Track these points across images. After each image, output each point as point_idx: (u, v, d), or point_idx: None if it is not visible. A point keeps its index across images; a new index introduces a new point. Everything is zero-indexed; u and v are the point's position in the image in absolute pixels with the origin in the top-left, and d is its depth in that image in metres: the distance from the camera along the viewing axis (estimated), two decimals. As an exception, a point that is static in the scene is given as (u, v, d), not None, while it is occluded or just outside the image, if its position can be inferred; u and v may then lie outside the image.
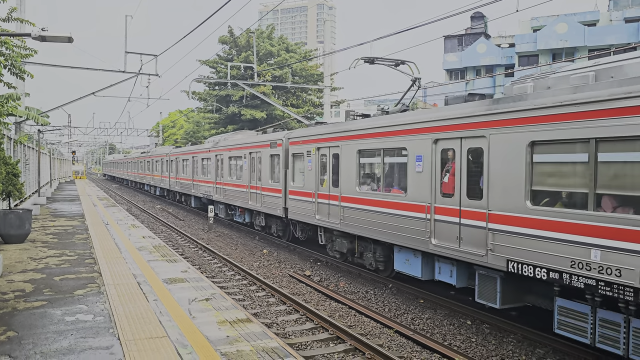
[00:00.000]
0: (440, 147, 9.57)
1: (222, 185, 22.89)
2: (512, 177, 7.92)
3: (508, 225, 7.98)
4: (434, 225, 9.64)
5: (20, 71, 11.85)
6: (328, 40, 44.06)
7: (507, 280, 8.48)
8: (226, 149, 22.41)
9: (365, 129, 12.13)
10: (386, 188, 11.50)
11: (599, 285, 6.63)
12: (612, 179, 6.68)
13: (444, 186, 9.54)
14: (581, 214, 6.87)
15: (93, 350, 6.13)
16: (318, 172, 14.37)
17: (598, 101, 6.66)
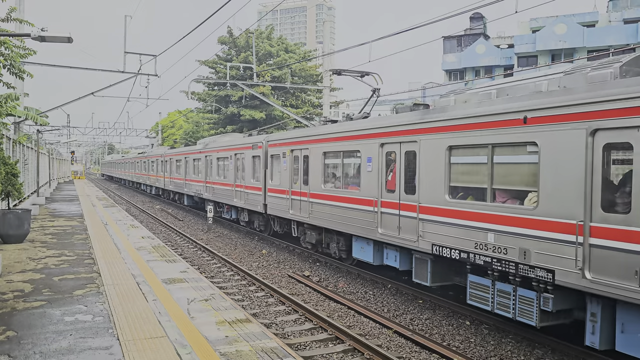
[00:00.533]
0: (385, 150, 11.30)
1: (211, 184, 24.42)
2: (436, 176, 9.61)
3: (432, 215, 9.68)
4: (381, 216, 11.33)
5: (20, 71, 11.84)
6: (327, 40, 44.33)
7: (435, 262, 10.04)
8: (214, 150, 24.01)
9: (329, 134, 13.81)
10: (345, 185, 13.22)
11: (493, 261, 8.29)
12: (503, 176, 8.47)
13: (388, 183, 11.24)
14: (482, 205, 8.57)
15: (92, 351, 6.13)
16: (291, 172, 15.93)
17: (493, 114, 8.35)
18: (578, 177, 7.00)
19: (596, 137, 6.80)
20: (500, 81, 9.47)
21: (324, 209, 13.75)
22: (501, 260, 8.11)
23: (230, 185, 21.50)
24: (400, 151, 10.74)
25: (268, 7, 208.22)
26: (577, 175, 7.00)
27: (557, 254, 7.24)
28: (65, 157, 78.99)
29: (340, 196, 13.04)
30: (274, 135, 18.51)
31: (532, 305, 7.84)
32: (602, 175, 6.79)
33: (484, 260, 8.47)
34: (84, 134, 62.79)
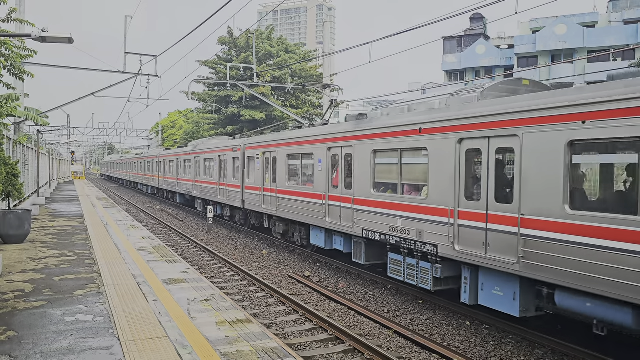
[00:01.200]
0: (331, 153, 13.55)
1: (199, 183, 26.63)
2: (365, 173, 11.90)
3: (362, 205, 12.03)
4: (328, 208, 13.61)
5: (20, 72, 11.85)
6: (327, 41, 44.30)
7: (368, 245, 12.37)
8: (202, 152, 26.22)
9: (292, 139, 16.01)
10: (303, 183, 15.30)
11: (401, 241, 10.58)
12: (408, 174, 10.93)
13: (333, 180, 13.49)
14: (394, 196, 10.97)
15: (93, 351, 6.14)
16: (263, 172, 18.01)
17: (401, 125, 10.69)
18: (451, 175, 9.29)
19: (462, 145, 9.09)
20: (410, 99, 12.11)
21: (288, 203, 15.97)
22: (406, 240, 10.47)
23: (215, 184, 23.64)
24: (341, 154, 13.09)
25: (268, 8, 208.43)
26: (451, 173, 9.29)
27: (439, 232, 9.52)
28: (65, 158, 79.02)
29: (299, 192, 15.25)
30: (250, 139, 20.73)
31: (428, 273, 10.04)
32: (465, 173, 9.08)
33: (395, 240, 10.81)
34: (84, 134, 62.78)
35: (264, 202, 17.81)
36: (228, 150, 21.98)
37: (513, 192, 8.06)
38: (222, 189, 22.56)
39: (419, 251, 10.16)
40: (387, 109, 12.24)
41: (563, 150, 7.24)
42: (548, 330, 8.98)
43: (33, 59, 12.88)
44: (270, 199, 17.31)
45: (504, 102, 8.45)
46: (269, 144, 17.72)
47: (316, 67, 42.93)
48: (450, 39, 51.31)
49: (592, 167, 8.19)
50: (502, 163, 8.66)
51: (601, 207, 7.59)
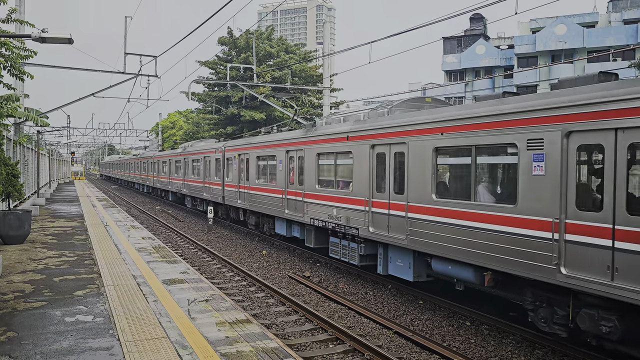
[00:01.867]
0: (289, 155, 15.97)
1: (188, 182, 28.88)
2: (312, 172, 14.38)
3: (309, 198, 14.47)
4: (287, 201, 15.91)
5: (20, 72, 11.85)
6: (327, 41, 44.39)
7: (317, 231, 14.66)
8: (190, 153, 28.61)
9: (261, 143, 18.58)
10: (269, 180, 17.70)
11: (336, 226, 13.01)
12: (341, 172, 13.29)
13: (290, 178, 15.78)
14: (331, 191, 13.41)
15: (93, 351, 6.14)
16: (239, 171, 20.47)
17: (335, 134, 13.23)
18: (367, 172, 11.77)
19: (373, 149, 11.63)
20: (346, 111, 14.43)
21: (258, 198, 18.34)
22: (339, 225, 12.91)
23: (201, 182, 26.09)
24: (296, 156, 15.49)
25: (268, 8, 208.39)
26: (367, 171, 11.78)
27: (360, 218, 12.00)
28: (65, 158, 79.03)
29: (266, 188, 17.70)
30: (229, 142, 23.12)
31: (355, 252, 12.54)
32: (376, 171, 11.54)
33: (332, 226, 13.24)
34: (84, 134, 62.78)
35: (240, 198, 20.37)
36: (211, 152, 24.45)
37: (404, 186, 10.52)
38: (207, 186, 25.00)
39: (347, 234, 12.71)
40: (329, 118, 14.98)
41: (431, 154, 9.78)
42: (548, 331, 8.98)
43: (33, 59, 12.88)
44: (244, 195, 19.87)
45: (399, 117, 11.02)
46: (243, 147, 20.22)
47: (316, 68, 42.92)
48: (450, 39, 51.31)
49: (447, 166, 10.27)
50: (398, 164, 10.86)
51: (453, 195, 9.66)
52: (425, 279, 10.83)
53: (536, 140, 7.61)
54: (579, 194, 7.08)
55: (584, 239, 6.88)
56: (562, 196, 7.19)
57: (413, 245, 10.13)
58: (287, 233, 16.62)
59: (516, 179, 7.96)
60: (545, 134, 7.45)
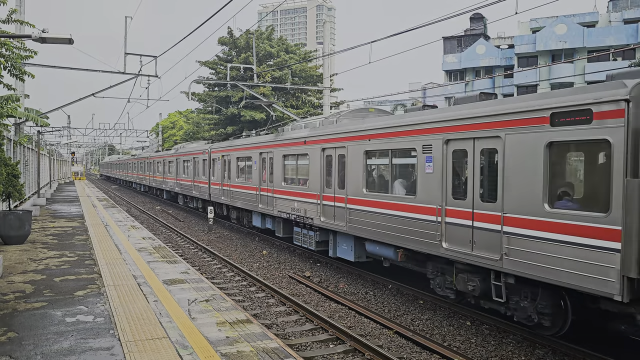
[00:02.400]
0: (262, 156, 18.19)
1: (180, 181, 31.15)
2: (279, 171, 16.59)
3: (277, 194, 16.64)
4: (260, 197, 18.16)
5: (20, 72, 11.86)
6: (327, 41, 44.40)
7: (284, 222, 16.91)
8: (181, 154, 30.82)
9: (240, 145, 20.76)
10: (246, 179, 19.93)
11: (297, 217, 15.08)
12: (300, 171, 15.39)
13: (264, 177, 17.93)
14: (295, 187, 15.51)
15: (94, 351, 6.14)
16: (222, 170, 22.65)
17: (295, 138, 15.55)
18: (319, 171, 13.94)
19: (324, 152, 13.81)
20: (307, 119, 17.70)
21: (238, 195, 20.67)
22: (300, 216, 15.01)
23: (191, 181, 28.28)
24: (267, 157, 17.77)
25: (268, 8, 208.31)
26: (319, 170, 13.94)
27: (314, 210, 14.13)
28: (65, 158, 79.02)
29: (244, 185, 20.01)
30: (214, 144, 25.46)
31: (312, 239, 14.71)
32: (325, 170, 13.75)
33: (294, 217, 15.35)
34: (84, 134, 62.74)
35: (223, 195, 22.59)
36: (199, 154, 26.61)
37: (345, 182, 12.62)
38: (196, 185, 27.31)
39: (306, 223, 14.76)
40: (294, 125, 17.13)
41: (362, 156, 11.89)
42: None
43: (33, 59, 12.88)
44: (227, 192, 22.09)
45: (342, 125, 13.19)
46: (226, 149, 22.48)
47: (316, 68, 42.90)
48: (450, 39, 51.30)
49: (375, 166, 12.42)
50: (341, 164, 12.89)
51: (377, 189, 11.77)
52: (365, 260, 12.95)
53: (427, 146, 9.79)
54: (453, 187, 9.28)
55: (456, 220, 9.11)
56: (443, 188, 9.40)
57: (352, 231, 12.35)
58: (262, 225, 18.85)
59: (416, 176, 10.20)
60: (433, 141, 9.62)
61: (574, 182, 7.93)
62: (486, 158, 8.64)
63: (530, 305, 8.14)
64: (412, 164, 10.54)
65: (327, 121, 14.72)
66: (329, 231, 13.90)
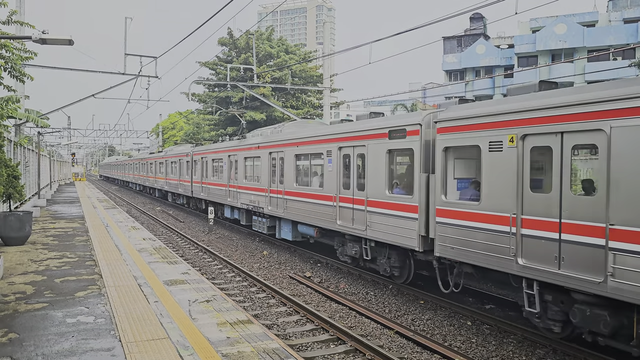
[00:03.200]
0: (230, 158, 21.86)
1: (168, 180, 34.91)
2: (241, 171, 20.21)
3: (240, 189, 20.12)
4: (229, 192, 21.78)
5: (20, 74, 11.86)
6: (327, 41, 44.39)
7: (246, 213, 20.27)
8: (170, 156, 34.60)
9: (214, 149, 24.84)
10: (219, 177, 23.62)
11: (253, 208, 18.60)
12: (255, 170, 18.88)
13: (232, 176, 21.45)
14: (251, 183, 19.11)
15: (94, 352, 6.14)
16: (202, 170, 26.23)
17: (251, 144, 19.21)
18: (268, 169, 17.38)
19: (270, 155, 17.20)
20: (262, 129, 20.87)
21: (213, 191, 24.14)
22: (255, 207, 18.44)
23: (177, 180, 32.00)
24: (233, 159, 21.37)
25: (268, 9, 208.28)
26: (268, 168, 17.38)
27: (264, 201, 17.60)
28: (66, 159, 79.02)
29: (217, 183, 23.67)
30: (196, 147, 29.08)
31: (264, 224, 18.15)
32: (271, 168, 17.09)
33: (252, 208, 18.87)
34: (84, 135, 62.77)
35: (202, 191, 26.08)
36: (184, 156, 30.16)
37: (283, 178, 16.27)
38: (181, 183, 31.03)
39: (259, 213, 18.36)
40: (253, 132, 21.15)
41: (293, 158, 15.59)
42: (550, 331, 8.97)
43: (33, 60, 12.89)
44: (205, 189, 25.59)
45: (282, 134, 17.09)
46: (204, 152, 26.14)
47: (316, 68, 42.89)
48: (450, 39, 51.30)
49: (301, 166, 15.54)
50: (282, 164, 16.44)
51: (303, 184, 15.20)
52: (300, 239, 16.29)
53: (329, 150, 13.49)
54: (343, 180, 12.90)
55: (345, 204, 12.74)
56: (338, 182, 13.05)
57: (288, 216, 15.87)
58: (231, 216, 22.44)
59: (323, 173, 13.96)
60: (332, 147, 13.37)
61: (400, 176, 11.53)
62: (361, 160, 12.21)
63: (387, 262, 11.65)
64: (322, 164, 14.09)
65: (275, 130, 18.49)
66: (275, 218, 17.35)
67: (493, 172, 8.33)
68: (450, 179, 9.57)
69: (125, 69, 22.74)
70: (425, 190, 9.84)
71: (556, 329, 7.77)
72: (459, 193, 9.59)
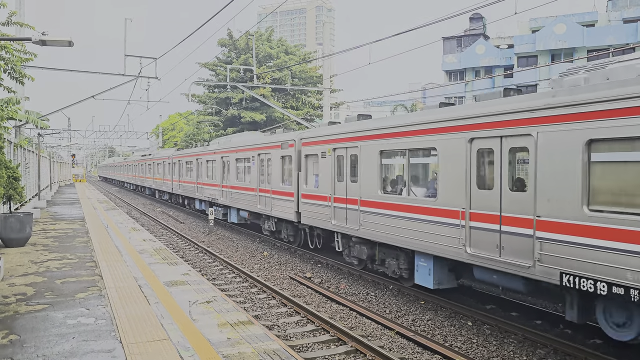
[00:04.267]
0: (198, 161, 26.46)
1: (155, 179, 39.91)
2: (203, 171, 25.80)
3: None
4: (197, 188, 26.51)
5: (21, 75, 11.86)
6: (327, 42, 44.23)
7: (210, 204, 24.73)
8: (157, 159, 39.53)
9: (187, 153, 29.49)
10: (190, 176, 28.19)
11: (215, 200, 24.01)
12: (214, 171, 24.46)
13: (199, 174, 26.39)
14: (211, 180, 24.67)
15: (95, 354, 6.14)
16: (178, 171, 31.19)
17: (212, 150, 25.15)
18: (220, 170, 23.00)
19: (222, 159, 22.84)
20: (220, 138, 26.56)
21: (186, 187, 29.05)
22: (213, 199, 23.78)
23: (161, 179, 37.20)
24: (199, 161, 25.77)
25: (268, 9, 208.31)
26: (221, 169, 23.01)
27: (217, 194, 23.31)
28: (66, 160, 79.02)
29: (188, 181, 28.44)
30: (176, 152, 34.00)
31: (220, 212, 23.44)
32: (222, 168, 22.81)
33: (211, 199, 24.20)
34: (84, 137, 62.80)
35: (180, 188, 31.39)
36: (167, 159, 35.16)
37: (229, 176, 21.45)
38: (165, 182, 36.17)
39: (216, 203, 23.73)
40: (213, 140, 26.50)
41: (235, 161, 20.99)
42: (550, 330, 8.98)
43: (33, 62, 12.89)
44: (182, 186, 30.77)
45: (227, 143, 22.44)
46: (180, 155, 31.38)
47: (316, 69, 42.91)
48: (450, 39, 51.31)
49: (241, 166, 20.37)
50: (229, 166, 21.60)
51: (241, 180, 20.02)
52: (245, 222, 21.62)
53: (252, 156, 19.03)
54: (261, 176, 18.22)
55: (262, 194, 18.10)
56: (259, 177, 18.41)
57: (233, 204, 20.97)
58: (199, 207, 27.83)
59: (250, 170, 19.31)
60: (254, 154, 18.91)
61: (287, 172, 16.64)
62: (265, 162, 18.20)
63: (285, 232, 17.31)
64: (249, 166, 19.67)
65: (227, 139, 24.46)
66: (227, 206, 22.75)
67: (323, 170, 14.18)
68: (310, 174, 15.26)
69: (125, 70, 22.74)
70: (297, 183, 15.68)
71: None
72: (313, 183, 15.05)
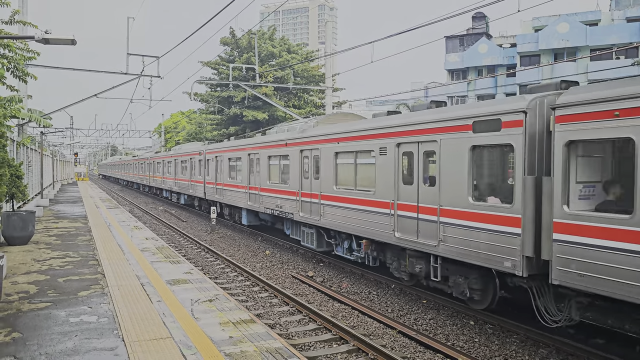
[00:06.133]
0: (192, 161, 28.90)
1: (152, 177, 42.90)
2: (196, 170, 27.96)
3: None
4: (190, 185, 29.03)
5: (23, 73, 11.88)
6: (329, 41, 44.10)
7: (200, 200, 28.47)
8: (154, 158, 41.84)
9: (172, 154, 34.05)
10: (184, 175, 30.26)
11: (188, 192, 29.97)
12: (201, 169, 27.21)
13: (192, 173, 28.51)
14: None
15: (97, 352, 6.15)
16: (174, 170, 33.39)
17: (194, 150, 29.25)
18: (206, 169, 25.85)
19: (207, 159, 25.71)
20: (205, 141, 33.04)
21: (180, 185, 31.25)
22: (191, 195, 29.62)
23: (147, 176, 42.98)
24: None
25: (270, 8, 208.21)
26: (205, 168, 25.89)
27: (201, 189, 26.56)
28: (68, 159, 79.19)
29: (181, 179, 30.78)
30: (168, 152, 37.37)
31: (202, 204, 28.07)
32: (205, 168, 25.97)
33: (190, 194, 29.24)
34: (87, 135, 62.85)
35: (175, 185, 33.42)
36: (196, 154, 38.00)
37: (208, 174, 25.50)
38: (150, 179, 41.77)
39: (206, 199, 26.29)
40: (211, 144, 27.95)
41: (227, 160, 22.42)
42: (552, 330, 8.96)
43: (36, 60, 12.91)
44: (176, 183, 32.86)
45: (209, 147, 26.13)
46: (172, 155, 34.13)
47: (318, 67, 42.86)
48: (452, 38, 51.22)
49: (229, 165, 22.20)
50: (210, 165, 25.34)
51: (229, 178, 22.12)
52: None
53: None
54: (230, 173, 22.07)
55: (230, 188, 22.02)
56: (220, 174, 23.30)
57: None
58: (187, 201, 31.23)
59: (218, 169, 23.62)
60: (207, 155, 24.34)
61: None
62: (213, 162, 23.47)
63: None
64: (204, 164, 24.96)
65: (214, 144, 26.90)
66: (212, 201, 25.27)
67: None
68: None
69: (128, 68, 22.75)
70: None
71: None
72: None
